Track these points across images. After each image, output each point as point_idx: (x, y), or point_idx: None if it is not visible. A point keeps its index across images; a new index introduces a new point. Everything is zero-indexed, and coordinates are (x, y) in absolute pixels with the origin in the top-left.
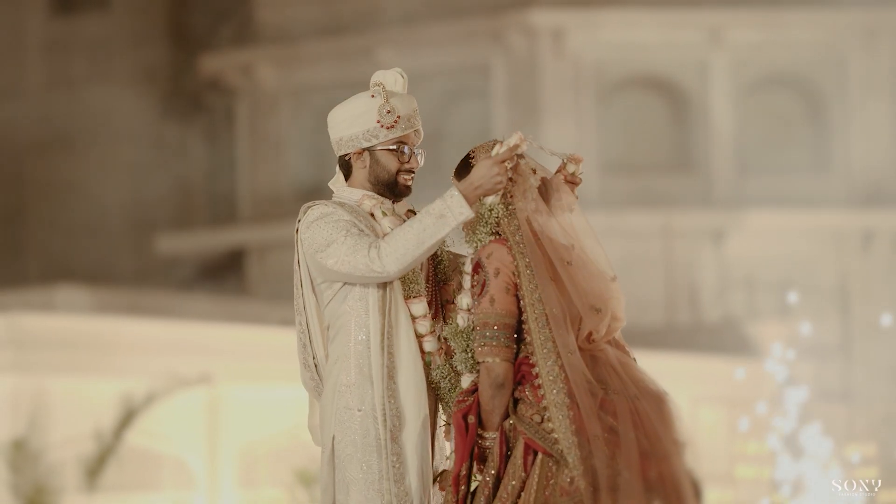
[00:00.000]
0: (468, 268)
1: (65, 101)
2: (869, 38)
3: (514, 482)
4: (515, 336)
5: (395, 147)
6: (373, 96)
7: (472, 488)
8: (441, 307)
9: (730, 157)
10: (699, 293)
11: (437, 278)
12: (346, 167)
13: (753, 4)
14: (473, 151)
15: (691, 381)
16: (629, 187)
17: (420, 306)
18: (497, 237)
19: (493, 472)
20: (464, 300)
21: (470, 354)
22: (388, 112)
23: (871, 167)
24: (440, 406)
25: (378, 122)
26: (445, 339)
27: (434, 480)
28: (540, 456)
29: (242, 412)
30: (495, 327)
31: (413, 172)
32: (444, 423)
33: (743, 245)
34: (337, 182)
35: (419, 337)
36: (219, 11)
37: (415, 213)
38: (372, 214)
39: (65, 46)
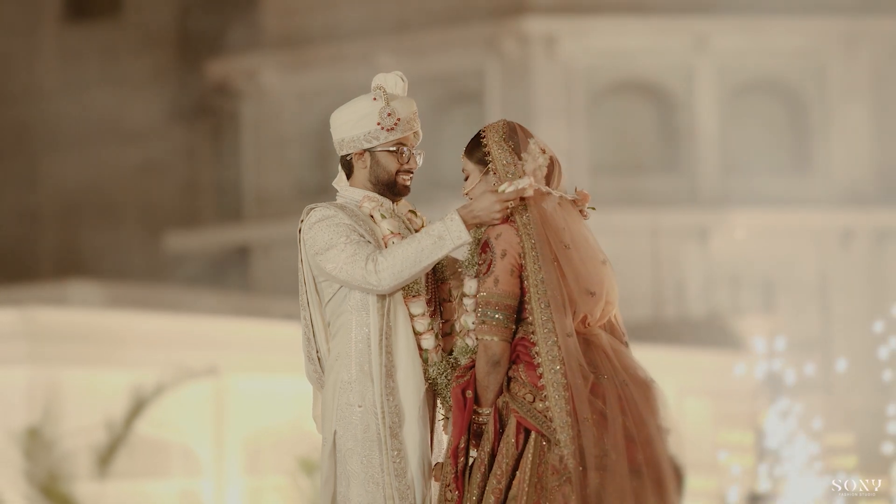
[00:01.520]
0: (469, 289)
1: (77, 103)
2: (848, 44)
3: (507, 460)
4: (515, 316)
5: (394, 148)
6: (374, 99)
7: (469, 461)
8: (439, 305)
9: (715, 158)
10: (685, 289)
11: (436, 277)
12: (348, 167)
13: (738, 12)
14: (484, 131)
15: (677, 373)
16: (618, 187)
17: (419, 305)
18: (506, 218)
19: (488, 448)
20: (469, 320)
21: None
22: (389, 115)
23: (850, 169)
24: (438, 401)
25: (379, 124)
26: (447, 336)
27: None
28: (533, 434)
29: (247, 403)
30: (496, 307)
31: (412, 173)
32: (442, 417)
33: (727, 243)
34: (340, 181)
35: (417, 335)
36: (225, 18)
37: (415, 214)
38: (372, 216)
39: (78, 51)
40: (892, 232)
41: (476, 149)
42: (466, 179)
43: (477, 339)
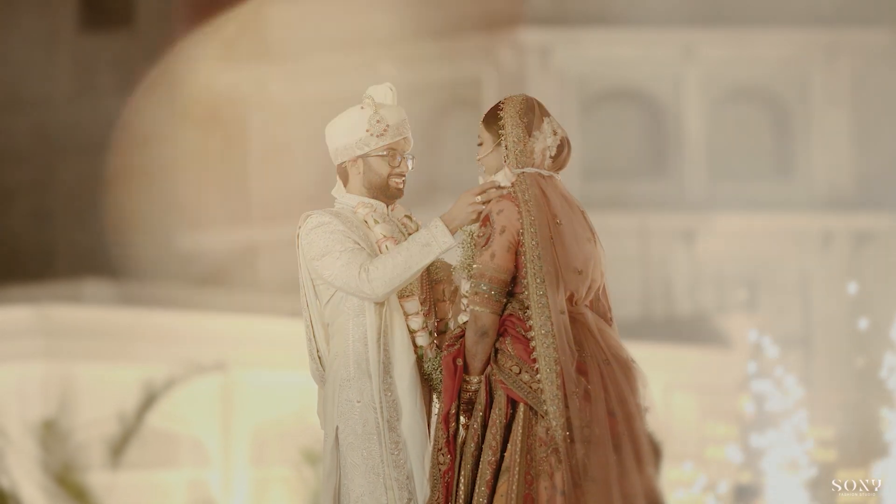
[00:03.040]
0: (464, 289)
1: (92, 109)
2: (829, 54)
3: (499, 431)
4: (506, 291)
5: (385, 153)
6: (363, 108)
7: (460, 429)
8: (433, 304)
9: (701, 163)
10: (672, 289)
11: (430, 278)
12: (344, 174)
13: (724, 23)
14: (503, 102)
15: (665, 369)
16: (608, 191)
17: (413, 304)
18: (509, 193)
19: (479, 419)
20: (464, 319)
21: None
22: (378, 122)
23: (831, 173)
24: (434, 396)
25: (367, 130)
26: (441, 334)
27: None
28: (521, 406)
29: (254, 396)
30: (490, 280)
31: (403, 176)
32: (438, 411)
33: (713, 245)
34: (338, 190)
35: (412, 332)
36: (234, 30)
37: (410, 219)
38: (366, 222)
39: (92, 59)
40: (871, 234)
41: (493, 120)
42: (481, 146)
43: (468, 308)
